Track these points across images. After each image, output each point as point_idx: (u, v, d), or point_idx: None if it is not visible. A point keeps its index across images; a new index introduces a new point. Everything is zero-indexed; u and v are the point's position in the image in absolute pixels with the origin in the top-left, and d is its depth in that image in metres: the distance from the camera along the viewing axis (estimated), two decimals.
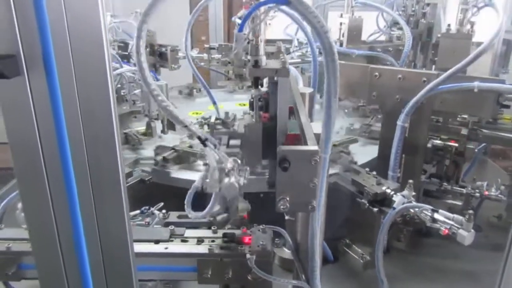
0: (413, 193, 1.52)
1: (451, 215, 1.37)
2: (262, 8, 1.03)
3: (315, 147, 1.00)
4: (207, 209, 1.08)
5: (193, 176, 1.74)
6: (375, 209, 1.58)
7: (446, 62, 1.78)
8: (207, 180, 1.01)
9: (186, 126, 0.96)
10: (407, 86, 1.74)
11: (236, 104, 2.67)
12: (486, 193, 1.85)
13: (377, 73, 1.81)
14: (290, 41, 2.68)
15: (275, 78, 1.15)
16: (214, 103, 2.18)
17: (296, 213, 1.28)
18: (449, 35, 1.89)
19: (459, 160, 1.95)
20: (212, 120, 1.64)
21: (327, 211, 1.80)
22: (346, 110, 2.54)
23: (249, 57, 1.11)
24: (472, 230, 1.35)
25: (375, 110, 2.36)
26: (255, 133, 1.23)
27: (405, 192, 1.51)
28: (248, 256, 1.14)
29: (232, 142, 1.22)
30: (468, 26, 1.90)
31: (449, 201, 1.94)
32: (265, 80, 1.43)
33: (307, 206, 1.04)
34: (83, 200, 0.71)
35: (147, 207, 1.31)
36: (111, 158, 0.70)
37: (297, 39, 2.61)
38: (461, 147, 1.89)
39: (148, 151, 1.94)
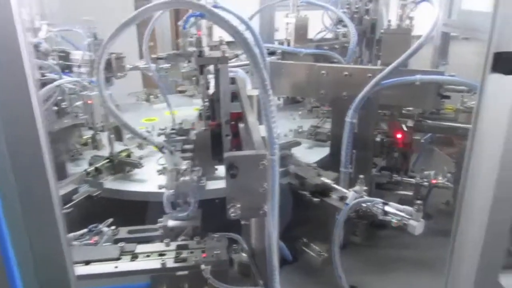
0: (365, 188, 1.55)
1: (401, 206, 1.41)
2: None
3: (262, 151, 0.99)
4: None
5: (129, 186, 1.68)
6: (316, 199, 1.60)
7: (390, 57, 1.83)
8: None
9: (144, 138, 1.28)
10: (353, 82, 1.77)
11: (194, 109, 2.63)
12: (434, 181, 1.91)
13: (324, 71, 1.83)
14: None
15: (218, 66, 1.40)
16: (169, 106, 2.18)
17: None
18: (390, 31, 1.94)
19: (407, 152, 2.01)
20: (168, 131, 1.87)
21: (284, 211, 1.79)
22: (300, 112, 2.54)
23: (194, 48, 1.42)
24: (422, 220, 1.39)
25: (328, 112, 2.39)
26: (204, 139, 1.47)
27: (357, 187, 1.54)
28: (203, 267, 1.11)
29: (185, 147, 1.50)
30: (408, 21, 1.95)
31: (401, 192, 2.00)
32: (212, 85, 1.46)
33: (259, 211, 1.02)
34: (13, 229, 0.66)
35: (94, 225, 1.25)
36: (40, 178, 0.65)
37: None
38: (408, 139, 1.95)
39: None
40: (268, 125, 1.02)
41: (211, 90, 1.53)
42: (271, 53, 2.56)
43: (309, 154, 2.03)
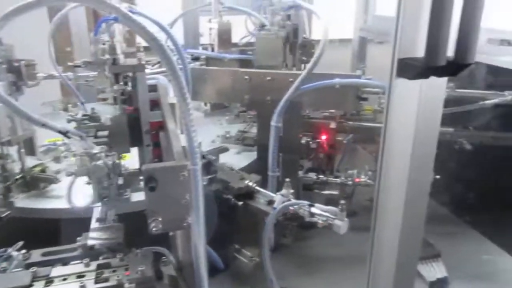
0: (292, 191, 1.57)
1: (326, 207, 1.44)
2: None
3: (183, 161, 0.96)
4: None
5: (43, 204, 1.56)
6: (240, 203, 1.61)
7: (263, 60, 1.98)
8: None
9: (43, 125, 1.09)
10: (276, 87, 1.79)
11: None
12: (357, 180, 1.99)
13: (247, 76, 1.83)
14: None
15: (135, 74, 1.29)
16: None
17: None
18: (264, 36, 2.00)
19: (332, 152, 2.08)
20: (79, 116, 1.55)
21: (213, 219, 1.77)
22: (227, 118, 2.53)
23: (107, 56, 1.30)
24: (346, 219, 1.44)
25: (255, 117, 2.40)
26: (121, 124, 1.34)
27: (284, 191, 1.55)
28: (126, 286, 1.06)
29: (99, 133, 1.34)
30: (276, 27, 2.01)
31: (327, 192, 2.06)
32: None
33: (182, 223, 0.99)
34: None
35: (3, 250, 1.14)
36: None
37: (167, 46, 2.54)
38: (331, 140, 2.02)
39: None
40: (188, 134, 1.00)
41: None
42: (195, 58, 2.53)
43: (238, 160, 2.03)
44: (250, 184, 1.64)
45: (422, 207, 0.96)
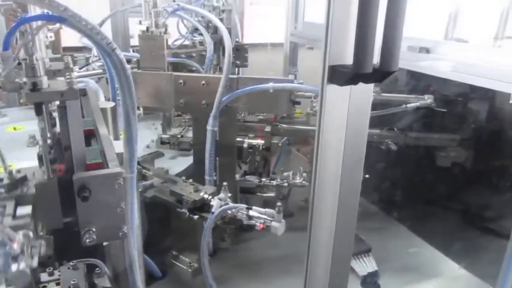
0: (229, 194, 1.58)
1: (263, 210, 1.47)
2: (34, 23, 0.90)
3: (118, 169, 0.93)
4: None
5: None
6: (196, 217, 1.58)
7: (146, 61, 1.96)
8: None
9: None
10: (211, 91, 1.79)
11: None
12: (293, 181, 2.04)
13: (181, 81, 1.81)
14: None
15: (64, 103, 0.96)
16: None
17: None
18: (147, 36, 1.99)
19: (267, 155, 2.11)
20: None
21: (149, 226, 1.73)
22: (161, 122, 2.48)
23: (24, 79, 0.90)
24: (283, 221, 1.47)
25: (190, 120, 2.37)
26: (50, 192, 0.99)
27: (221, 195, 1.56)
28: None
29: (20, 210, 0.95)
30: (162, 29, 2.02)
31: (265, 195, 2.09)
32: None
33: (118, 232, 0.96)
34: None
35: None
36: None
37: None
38: (267, 143, 2.05)
39: None
40: (130, 143, 0.97)
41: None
42: (126, 61, 2.45)
43: (173, 164, 2.00)
44: (206, 196, 1.59)
45: (354, 205, 1.01)
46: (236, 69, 2.94)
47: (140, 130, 2.50)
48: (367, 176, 2.05)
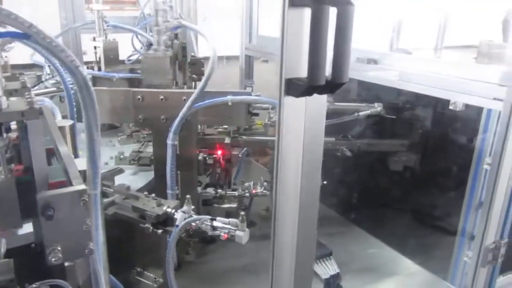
0: (192, 207, 1.59)
1: (227, 220, 1.50)
2: None
3: (82, 186, 0.94)
4: None
5: None
6: (160, 231, 1.59)
7: (150, 79, 2.02)
8: None
9: None
10: (170, 105, 1.81)
11: None
12: (254, 191, 2.09)
13: (139, 96, 1.82)
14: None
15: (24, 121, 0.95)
16: None
17: None
18: (150, 55, 2.06)
19: (228, 166, 2.15)
20: None
21: (112, 243, 1.71)
22: (120, 138, 2.46)
23: None
24: (247, 229, 1.51)
25: (149, 136, 2.36)
26: (7, 192, 0.97)
27: (185, 207, 1.57)
28: None
29: None
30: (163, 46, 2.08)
31: (226, 206, 2.11)
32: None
33: (84, 250, 0.96)
34: None
35: None
36: None
37: (49, 65, 2.40)
38: (227, 155, 2.09)
39: None
40: (94, 160, 0.98)
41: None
42: None
43: (134, 180, 1.99)
44: (169, 210, 1.58)
45: (314, 211, 1.06)
46: (193, 83, 2.97)
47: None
48: (324, 182, 2.14)
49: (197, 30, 2.18)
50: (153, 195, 1.70)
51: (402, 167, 2.19)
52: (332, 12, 0.83)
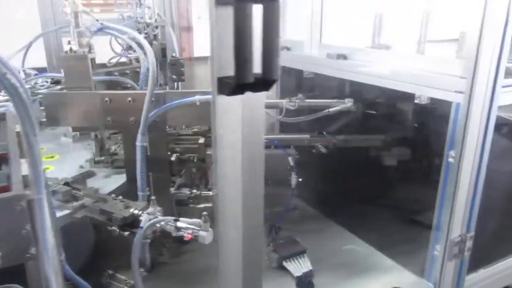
0: (159, 208, 1.59)
1: (191, 220, 1.49)
2: None
3: (19, 191, 0.94)
4: None
5: None
6: (127, 233, 1.59)
7: (72, 81, 1.98)
8: None
9: None
10: (138, 107, 1.80)
11: None
12: None
13: (107, 99, 1.82)
14: None
15: None
16: None
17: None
18: (70, 57, 2.01)
19: (203, 166, 2.14)
20: None
21: (82, 246, 1.71)
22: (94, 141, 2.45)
23: None
24: (210, 229, 1.50)
25: None
26: None
27: (150, 209, 1.57)
28: None
29: None
30: (86, 48, 2.06)
31: (202, 206, 2.11)
32: None
33: (25, 255, 0.96)
34: None
35: None
36: None
37: (23, 70, 2.40)
38: (201, 155, 2.08)
39: None
40: (33, 162, 0.98)
41: None
42: (57, 82, 2.43)
43: (107, 183, 1.99)
44: (136, 212, 1.59)
45: (259, 215, 1.05)
46: (175, 83, 2.97)
47: (76, 151, 2.47)
48: (300, 179, 2.13)
49: (127, 32, 2.16)
50: (120, 197, 1.70)
51: (379, 162, 2.18)
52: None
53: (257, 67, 0.86)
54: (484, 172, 1.49)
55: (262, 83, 0.87)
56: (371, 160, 2.19)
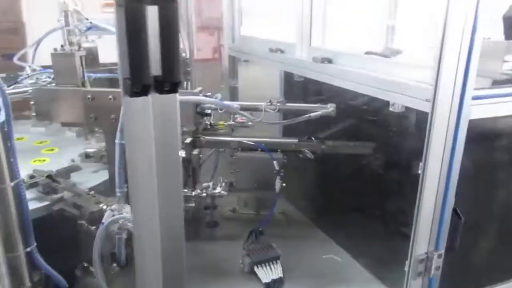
0: (126, 205, 1.62)
1: None
2: None
3: None
4: None
5: None
6: (93, 227, 1.63)
7: (60, 78, 2.01)
8: None
9: None
10: (119, 105, 1.83)
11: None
12: (212, 192, 2.09)
13: (89, 96, 1.87)
14: None
15: None
16: None
17: None
18: (58, 54, 2.03)
19: (189, 167, 2.16)
20: None
21: (58, 239, 1.77)
22: (97, 136, 2.53)
23: None
24: None
25: None
26: None
27: (115, 206, 1.60)
28: None
29: None
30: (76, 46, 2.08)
31: (188, 205, 2.12)
32: None
33: None
34: None
35: None
36: None
37: (29, 66, 2.52)
38: (187, 155, 2.10)
39: None
40: None
41: None
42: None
43: (92, 178, 2.04)
44: (105, 207, 1.65)
45: (179, 221, 1.05)
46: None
47: (77, 145, 2.52)
48: (283, 184, 2.10)
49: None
50: (92, 192, 1.75)
51: (368, 171, 2.10)
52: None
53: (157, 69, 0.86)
54: (453, 188, 1.40)
55: (165, 85, 0.86)
56: (360, 168, 2.12)
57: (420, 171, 1.45)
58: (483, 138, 1.62)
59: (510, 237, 1.84)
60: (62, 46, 2.03)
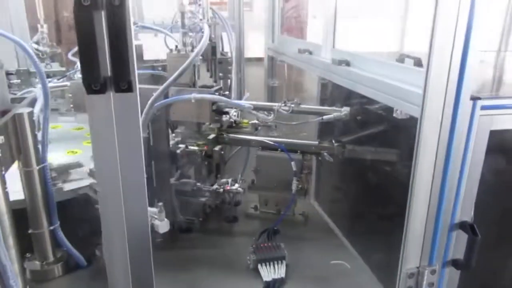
0: None
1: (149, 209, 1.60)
2: None
3: None
4: None
5: None
6: None
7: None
8: None
9: None
10: (143, 101, 1.96)
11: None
12: (228, 188, 2.14)
13: None
14: None
15: None
16: None
17: None
18: (174, 55, 2.14)
19: (211, 162, 2.24)
20: None
21: (83, 220, 1.94)
22: None
23: None
24: (166, 220, 1.60)
25: None
26: None
27: None
28: None
29: None
30: (189, 47, 2.17)
31: (203, 199, 2.20)
32: None
33: None
34: None
35: None
36: None
37: None
38: (209, 151, 2.18)
39: None
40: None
41: None
42: None
43: None
44: None
45: (144, 218, 1.11)
46: (221, 81, 3.10)
47: None
48: (300, 186, 2.09)
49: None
50: None
51: (393, 178, 2.01)
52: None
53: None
54: (451, 201, 1.31)
55: (120, 84, 0.93)
56: (384, 174, 2.04)
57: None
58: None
59: None
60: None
